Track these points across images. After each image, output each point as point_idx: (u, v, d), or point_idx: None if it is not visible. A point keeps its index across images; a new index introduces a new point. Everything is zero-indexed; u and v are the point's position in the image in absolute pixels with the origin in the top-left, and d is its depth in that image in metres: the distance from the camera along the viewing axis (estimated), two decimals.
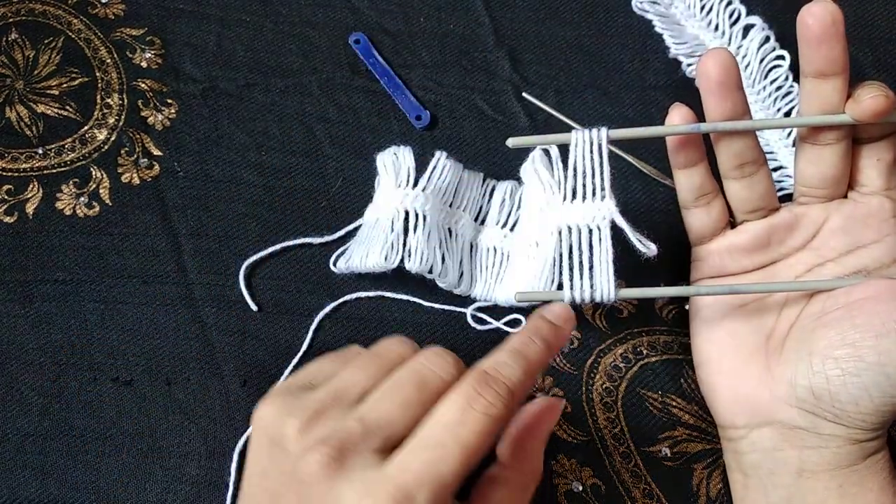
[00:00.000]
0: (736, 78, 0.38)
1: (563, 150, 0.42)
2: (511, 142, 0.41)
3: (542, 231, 0.44)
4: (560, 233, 0.41)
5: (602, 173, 0.40)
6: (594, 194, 0.40)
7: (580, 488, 0.45)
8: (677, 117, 0.39)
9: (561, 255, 0.41)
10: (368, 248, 0.46)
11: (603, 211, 0.40)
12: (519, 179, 0.50)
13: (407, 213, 0.46)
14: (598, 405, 0.47)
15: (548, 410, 0.36)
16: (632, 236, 0.39)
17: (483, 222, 0.50)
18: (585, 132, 0.40)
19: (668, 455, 0.46)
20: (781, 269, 0.42)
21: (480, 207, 0.50)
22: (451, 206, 0.49)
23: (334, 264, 0.49)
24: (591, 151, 0.40)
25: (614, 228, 0.40)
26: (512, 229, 0.50)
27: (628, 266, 0.41)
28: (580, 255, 0.40)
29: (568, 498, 0.45)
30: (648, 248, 0.40)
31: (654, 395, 0.47)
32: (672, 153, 0.41)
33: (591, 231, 0.40)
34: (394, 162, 0.48)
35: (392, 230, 0.46)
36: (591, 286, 0.39)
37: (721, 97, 0.38)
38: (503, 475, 0.34)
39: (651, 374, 0.48)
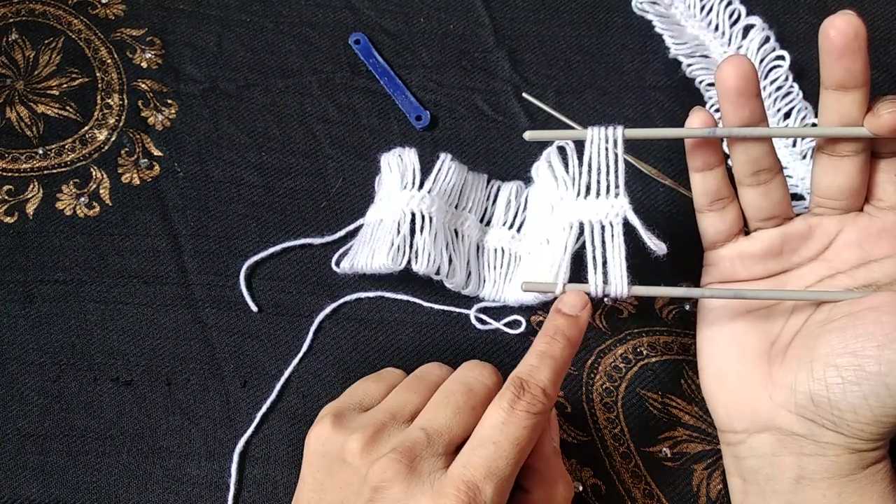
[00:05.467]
0: (754, 85, 0.38)
1: (578, 147, 0.42)
2: (528, 135, 0.41)
3: (554, 227, 0.44)
4: (572, 227, 0.41)
5: (616, 171, 0.40)
6: (608, 191, 0.40)
7: (580, 488, 0.45)
8: (696, 121, 0.39)
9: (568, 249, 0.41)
10: (374, 249, 0.46)
11: (616, 208, 0.40)
12: (524, 180, 0.50)
13: (413, 215, 0.46)
14: (598, 405, 0.47)
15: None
16: (643, 234, 0.39)
17: (489, 223, 0.50)
18: (601, 129, 0.40)
19: (669, 455, 0.46)
20: (792, 278, 0.42)
21: (486, 209, 0.50)
22: (456, 207, 0.49)
23: (337, 264, 0.49)
24: (606, 149, 0.40)
25: (625, 226, 0.40)
26: (518, 230, 0.50)
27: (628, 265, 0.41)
28: (593, 251, 0.40)
29: None
30: (659, 246, 0.39)
31: (654, 395, 0.47)
32: (690, 155, 0.41)
33: (603, 227, 0.40)
34: (398, 163, 0.48)
35: (398, 232, 0.46)
36: (605, 281, 0.40)
37: (739, 104, 0.38)
38: (530, 499, 0.37)
39: (651, 374, 0.48)
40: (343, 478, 0.36)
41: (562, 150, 0.44)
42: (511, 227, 0.50)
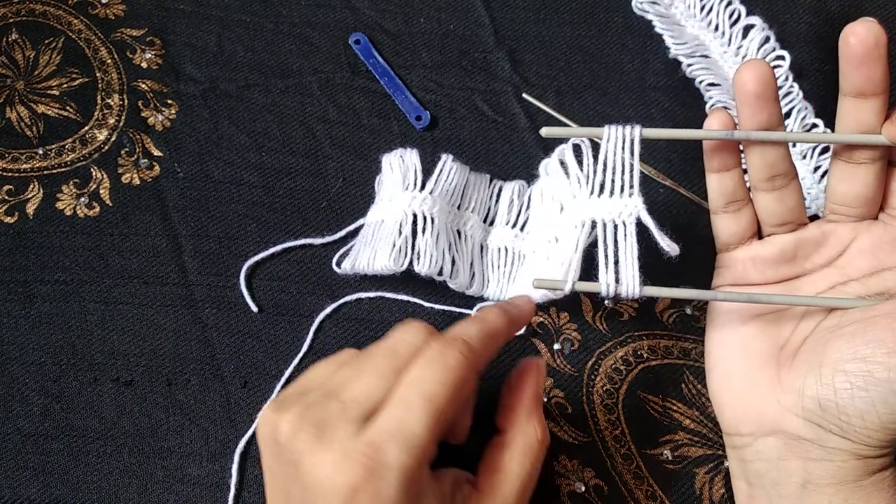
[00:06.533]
0: (772, 90, 0.38)
1: (592, 145, 0.42)
2: (545, 131, 0.40)
3: (564, 225, 0.43)
4: (584, 225, 0.41)
5: (632, 170, 0.40)
6: (622, 190, 0.40)
7: (582, 489, 0.45)
8: (716, 122, 0.39)
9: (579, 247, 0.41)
10: (376, 250, 0.46)
11: (630, 207, 0.40)
12: (525, 179, 0.50)
13: (415, 216, 0.46)
14: (599, 407, 0.47)
15: (527, 369, 0.39)
16: (656, 234, 0.39)
17: (492, 223, 0.50)
18: (619, 128, 0.40)
19: (670, 458, 0.46)
20: (804, 283, 0.42)
21: (488, 209, 0.50)
22: (458, 207, 0.49)
23: (338, 265, 0.49)
24: (623, 148, 0.40)
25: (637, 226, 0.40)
26: (521, 229, 0.50)
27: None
28: (605, 250, 0.40)
29: (571, 498, 0.45)
30: (671, 247, 0.39)
31: (654, 398, 0.47)
32: (707, 156, 0.41)
33: (616, 226, 0.40)
34: (400, 164, 0.48)
35: (400, 233, 0.46)
36: (617, 280, 0.39)
37: (757, 108, 0.38)
38: (504, 440, 0.37)
39: (652, 377, 0.48)
40: (282, 458, 0.35)
41: (576, 147, 0.44)
42: (514, 226, 0.50)
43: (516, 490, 0.36)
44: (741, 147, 0.41)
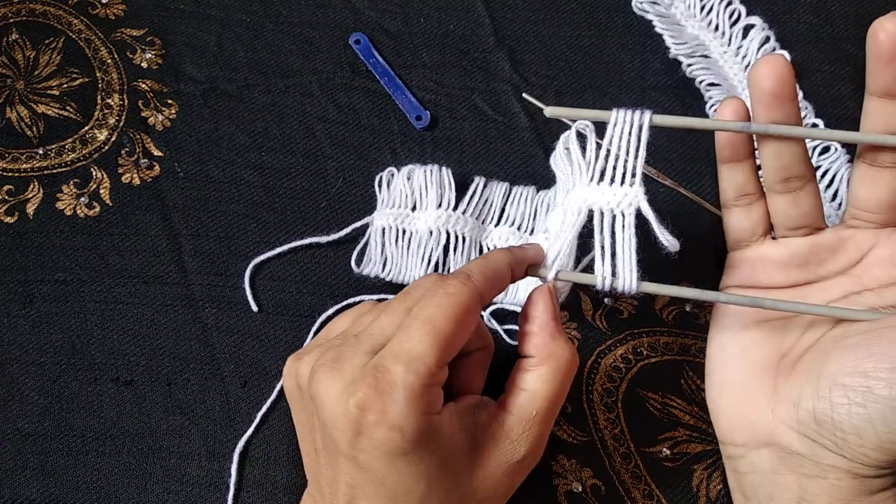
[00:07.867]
0: (791, 88, 0.36)
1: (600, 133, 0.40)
2: (549, 111, 0.39)
3: (565, 212, 0.41)
4: (580, 213, 0.39)
5: (636, 158, 0.38)
6: (623, 179, 0.38)
7: (580, 489, 0.45)
8: (730, 112, 0.38)
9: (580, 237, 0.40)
10: (408, 263, 0.48)
11: (630, 197, 0.38)
12: (527, 179, 0.51)
13: (448, 234, 0.48)
14: (599, 406, 0.47)
15: (538, 295, 0.38)
16: (656, 228, 0.37)
17: (518, 227, 0.51)
18: (627, 112, 0.38)
19: (668, 455, 0.46)
20: (815, 290, 0.40)
21: (503, 213, 0.51)
22: (483, 222, 0.50)
23: (357, 265, 0.49)
24: (630, 134, 0.38)
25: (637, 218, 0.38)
26: (531, 233, 0.50)
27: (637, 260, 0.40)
28: (602, 240, 0.38)
29: (568, 498, 0.45)
30: (671, 242, 0.37)
31: (654, 395, 0.47)
32: (719, 146, 0.40)
33: (614, 217, 0.38)
34: (436, 180, 0.49)
35: (434, 250, 0.48)
36: (613, 274, 0.38)
37: (773, 108, 0.36)
38: (530, 361, 0.37)
39: (651, 374, 0.48)
40: (305, 399, 0.36)
41: (581, 136, 0.42)
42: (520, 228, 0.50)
43: (542, 409, 0.36)
44: (755, 145, 0.39)
